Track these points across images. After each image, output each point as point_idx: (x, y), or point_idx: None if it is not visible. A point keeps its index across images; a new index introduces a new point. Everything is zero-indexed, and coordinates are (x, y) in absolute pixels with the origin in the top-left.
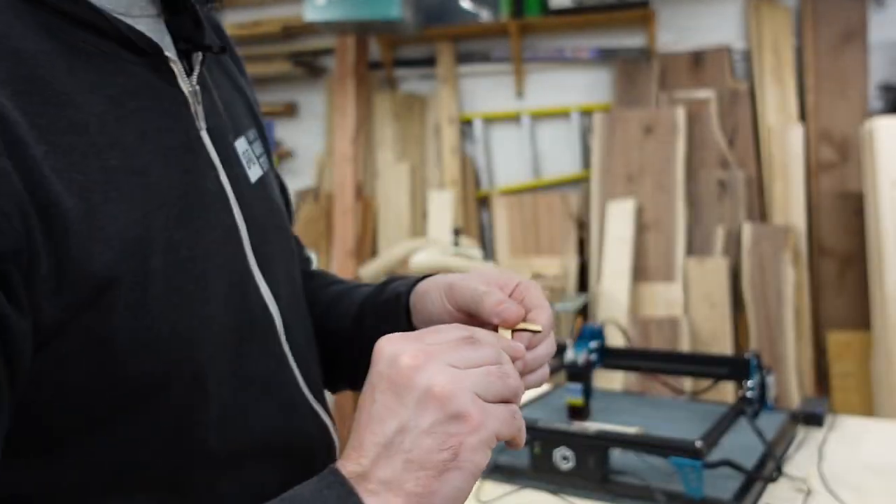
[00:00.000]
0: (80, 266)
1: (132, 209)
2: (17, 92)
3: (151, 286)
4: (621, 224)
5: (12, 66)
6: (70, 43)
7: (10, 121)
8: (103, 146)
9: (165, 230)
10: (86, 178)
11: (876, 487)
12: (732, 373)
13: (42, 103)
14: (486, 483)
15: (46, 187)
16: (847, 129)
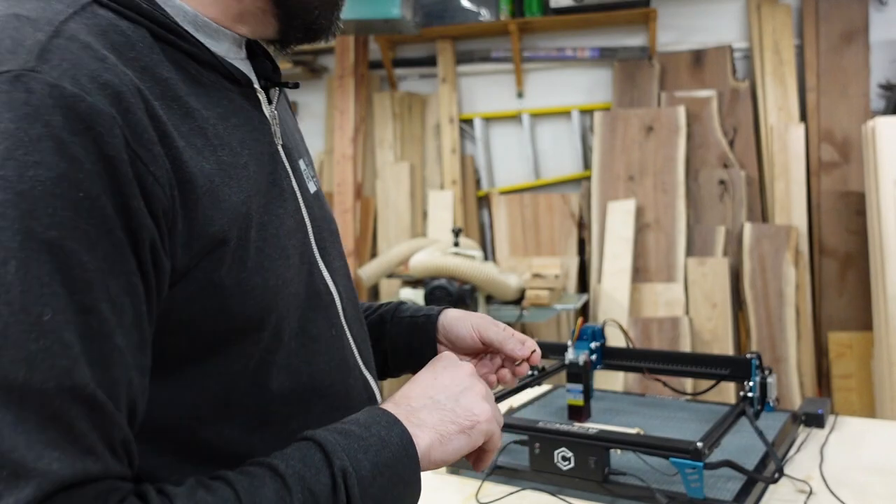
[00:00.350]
0: (203, 227)
1: (239, 192)
2: (165, 105)
3: (249, 249)
4: (622, 224)
5: (160, 87)
6: (192, 74)
7: (162, 121)
8: (218, 146)
9: (258, 211)
10: (209, 166)
11: (877, 488)
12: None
13: (180, 114)
14: (486, 483)
15: (185, 170)
16: (848, 129)
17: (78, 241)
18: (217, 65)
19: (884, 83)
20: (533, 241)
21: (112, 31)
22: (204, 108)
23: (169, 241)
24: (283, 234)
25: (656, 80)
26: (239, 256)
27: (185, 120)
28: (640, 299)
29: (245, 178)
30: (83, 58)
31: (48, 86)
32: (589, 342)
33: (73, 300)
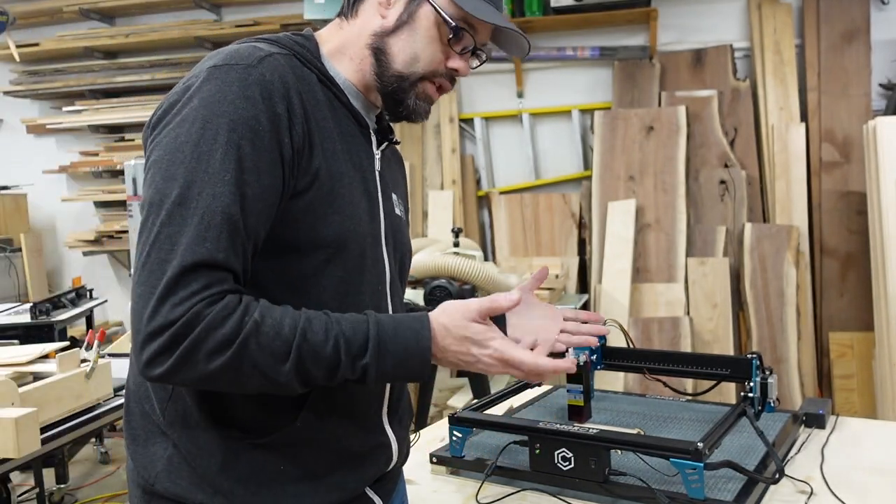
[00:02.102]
0: (314, 168)
1: (333, 166)
2: (312, 107)
3: (334, 197)
4: (622, 224)
5: (313, 99)
6: (334, 106)
7: (308, 110)
8: (329, 141)
9: (344, 184)
10: (324, 147)
11: (878, 488)
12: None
13: (317, 116)
14: (486, 484)
15: (311, 137)
16: (849, 129)
17: (253, 148)
18: (350, 108)
19: (885, 83)
20: (533, 241)
21: (297, 67)
22: (333, 124)
23: (297, 166)
24: (359, 204)
25: (657, 80)
26: (327, 198)
27: (320, 121)
28: (640, 299)
29: (341, 163)
30: (279, 69)
31: (260, 75)
32: None
33: (241, 175)
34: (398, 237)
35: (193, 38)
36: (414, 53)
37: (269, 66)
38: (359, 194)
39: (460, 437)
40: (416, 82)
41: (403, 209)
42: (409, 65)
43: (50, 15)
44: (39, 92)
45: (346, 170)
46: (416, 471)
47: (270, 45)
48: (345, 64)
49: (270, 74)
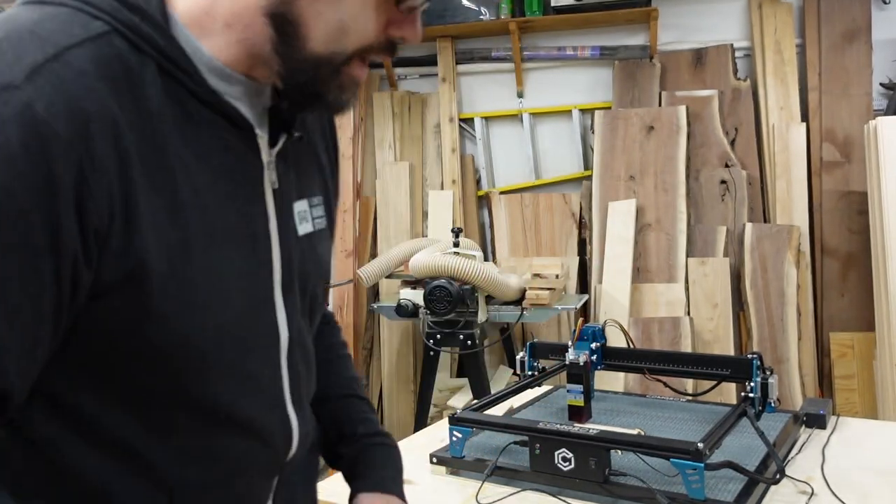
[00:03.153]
0: (135, 255)
1: (182, 230)
2: (139, 138)
3: (178, 284)
4: (622, 224)
5: (142, 121)
6: (188, 111)
7: (128, 154)
8: (180, 184)
9: (205, 250)
10: (160, 202)
11: (879, 489)
12: (734, 374)
13: (151, 148)
14: (486, 484)
15: (132, 202)
16: (850, 128)
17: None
18: (217, 105)
19: (886, 82)
20: (533, 241)
21: (116, 61)
22: (185, 145)
23: (97, 257)
24: (228, 276)
25: (657, 80)
26: (165, 288)
27: (154, 154)
28: (640, 299)
29: (196, 218)
30: (70, 84)
31: (21, 104)
32: (589, 342)
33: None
34: (304, 264)
35: None
36: (340, 22)
37: (49, 85)
38: (231, 257)
39: (460, 437)
40: (341, 65)
41: (322, 211)
42: (335, 41)
43: None
44: None
45: (204, 229)
46: (416, 471)
47: (73, 20)
48: (216, 38)
49: (49, 104)
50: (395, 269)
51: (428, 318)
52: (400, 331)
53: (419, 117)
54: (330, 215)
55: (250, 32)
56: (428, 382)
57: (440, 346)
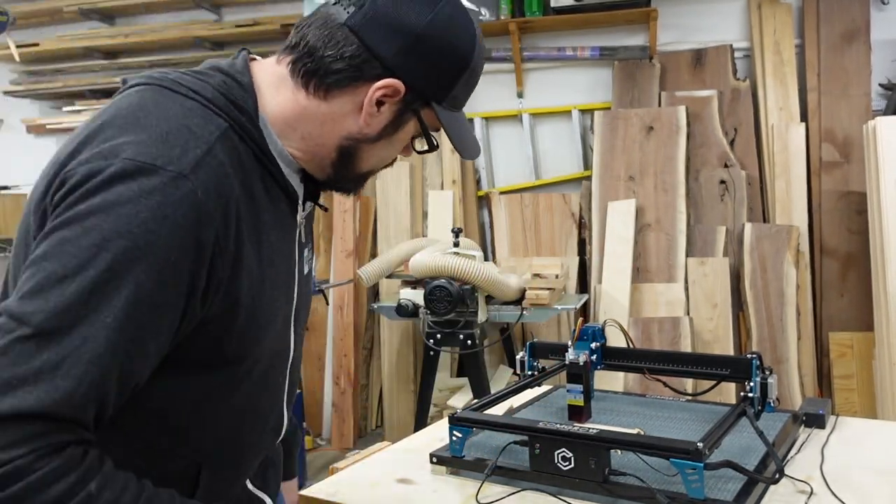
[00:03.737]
0: (234, 293)
1: (262, 278)
2: (249, 213)
3: (253, 313)
4: (622, 224)
5: (251, 202)
6: (269, 189)
7: (242, 227)
8: (265, 246)
9: (269, 291)
10: (255, 259)
11: (878, 489)
12: (734, 374)
13: (254, 223)
14: (486, 484)
15: (240, 260)
16: (849, 129)
17: (156, 285)
18: (283, 184)
19: (885, 83)
20: (533, 241)
21: (235, 152)
22: (270, 218)
23: (213, 295)
24: (277, 307)
25: (657, 80)
26: (245, 316)
27: (253, 221)
28: (640, 299)
29: (268, 265)
30: (216, 174)
31: (190, 190)
32: (589, 342)
33: (130, 318)
34: (303, 298)
35: (193, 38)
36: (383, 157)
37: (205, 175)
38: (279, 293)
39: (460, 437)
40: (369, 176)
41: (311, 255)
42: (374, 167)
43: (50, 15)
44: (39, 92)
45: (271, 273)
46: (415, 471)
47: (207, 117)
48: (293, 141)
49: (205, 190)
50: (395, 269)
51: (428, 318)
52: (400, 331)
53: None
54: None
55: (319, 150)
56: (428, 382)
57: (440, 346)
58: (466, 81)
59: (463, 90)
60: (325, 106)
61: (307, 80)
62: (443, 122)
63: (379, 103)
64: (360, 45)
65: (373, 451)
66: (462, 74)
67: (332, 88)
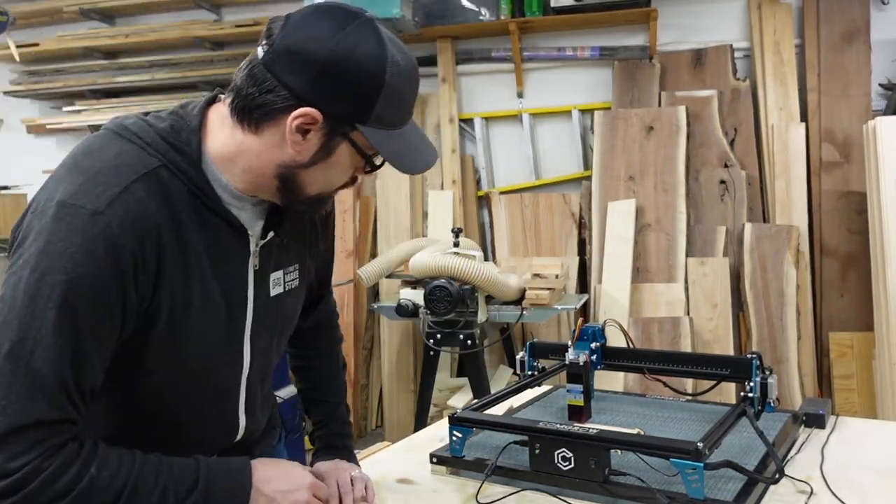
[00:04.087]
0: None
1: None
2: (173, 239)
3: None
4: (622, 224)
5: (175, 228)
6: (203, 219)
7: (164, 253)
8: (193, 269)
9: (199, 309)
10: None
11: (878, 489)
12: (734, 373)
13: (178, 248)
14: (486, 484)
15: (161, 283)
16: (849, 129)
17: (89, 308)
18: (223, 214)
19: (885, 83)
20: (533, 241)
21: (163, 189)
22: (200, 241)
23: (140, 311)
24: (211, 324)
25: (657, 80)
26: (166, 329)
27: (181, 252)
28: (640, 299)
29: (201, 290)
30: (133, 209)
31: (105, 224)
32: (589, 342)
33: (75, 337)
34: (276, 315)
35: (193, 38)
36: (327, 181)
37: (119, 210)
38: (215, 312)
39: (460, 437)
40: (325, 198)
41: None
42: (322, 189)
43: (50, 15)
44: (39, 92)
45: (199, 292)
46: (416, 471)
47: (139, 157)
48: (235, 174)
49: (119, 224)
50: (395, 269)
51: (428, 318)
52: (400, 331)
53: (419, 117)
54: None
55: (261, 180)
56: (428, 382)
57: (440, 346)
58: (387, 99)
59: (387, 108)
60: (258, 140)
61: (240, 117)
62: (371, 141)
63: (304, 131)
64: (273, 80)
65: (373, 451)
66: (377, 94)
67: (260, 122)
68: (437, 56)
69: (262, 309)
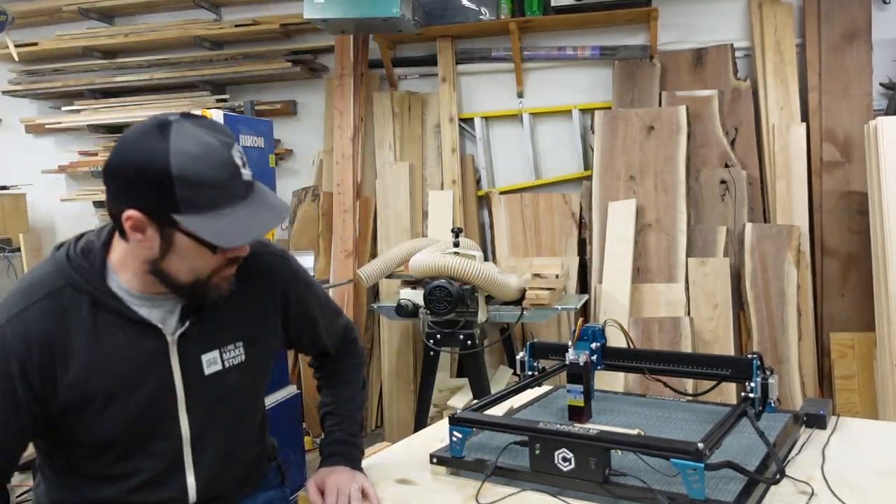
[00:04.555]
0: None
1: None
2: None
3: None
4: (622, 224)
5: (66, 337)
6: (106, 321)
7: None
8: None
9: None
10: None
11: (879, 489)
12: (734, 374)
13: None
14: (486, 484)
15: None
16: (850, 128)
17: None
18: (127, 316)
19: (886, 82)
20: (533, 241)
21: (59, 304)
22: (102, 342)
23: (42, 403)
24: (128, 407)
25: (657, 80)
26: (78, 416)
27: (78, 350)
28: (640, 299)
29: (101, 380)
30: (27, 325)
31: (3, 336)
32: (589, 342)
33: None
34: (211, 391)
35: (192, 37)
36: (191, 268)
37: (12, 327)
38: (125, 395)
39: (460, 437)
40: (206, 282)
41: (240, 350)
42: (191, 275)
43: (49, 14)
44: (38, 92)
45: (107, 383)
46: (416, 471)
47: (48, 283)
48: (128, 275)
49: (11, 336)
50: (395, 269)
51: (428, 318)
52: (400, 331)
53: (419, 117)
54: (257, 346)
55: (144, 276)
56: (428, 382)
57: (440, 346)
58: (186, 185)
59: (191, 193)
60: (129, 244)
61: (119, 232)
62: (185, 229)
63: (140, 229)
64: (107, 195)
65: (373, 451)
66: (169, 184)
67: (121, 230)
68: (437, 56)
69: (197, 387)
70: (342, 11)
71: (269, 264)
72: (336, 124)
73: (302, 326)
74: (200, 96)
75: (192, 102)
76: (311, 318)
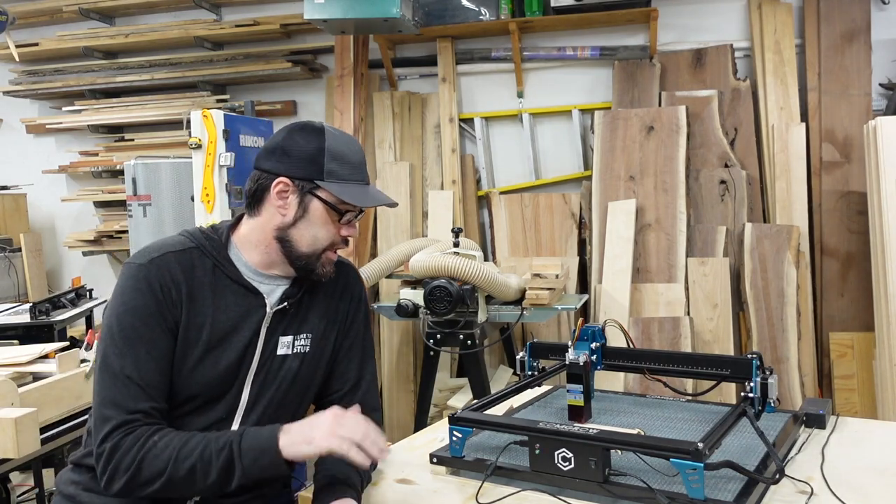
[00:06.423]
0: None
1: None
2: (192, 289)
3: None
4: (622, 224)
5: (196, 284)
6: (222, 283)
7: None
8: (206, 317)
9: (208, 350)
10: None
11: (878, 488)
12: (734, 374)
13: (197, 298)
14: (486, 484)
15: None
16: (849, 128)
17: (143, 325)
18: (240, 282)
19: (885, 83)
20: (533, 241)
21: (189, 259)
22: (216, 299)
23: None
24: (218, 361)
25: (657, 80)
26: (185, 363)
27: (199, 300)
28: (640, 299)
29: (207, 334)
30: (163, 268)
31: (148, 272)
32: (589, 342)
33: (134, 347)
34: (279, 370)
35: (193, 37)
36: (313, 237)
37: (156, 265)
38: (214, 350)
39: (460, 437)
40: (320, 255)
41: (307, 342)
42: (312, 245)
43: (49, 15)
44: (39, 92)
45: (212, 336)
46: (416, 471)
47: (181, 243)
48: (249, 250)
49: (155, 273)
50: (395, 269)
51: (428, 318)
52: (400, 331)
53: (419, 117)
54: (321, 344)
55: (268, 248)
56: (428, 382)
57: (440, 346)
58: (333, 158)
59: (335, 165)
60: (260, 218)
61: (249, 209)
62: (329, 189)
63: (283, 196)
64: (258, 171)
65: None
66: (322, 155)
67: (257, 205)
68: (437, 56)
69: (266, 362)
70: (342, 12)
71: (354, 279)
72: (336, 124)
73: (351, 342)
74: (201, 96)
75: (193, 102)
76: (359, 342)
